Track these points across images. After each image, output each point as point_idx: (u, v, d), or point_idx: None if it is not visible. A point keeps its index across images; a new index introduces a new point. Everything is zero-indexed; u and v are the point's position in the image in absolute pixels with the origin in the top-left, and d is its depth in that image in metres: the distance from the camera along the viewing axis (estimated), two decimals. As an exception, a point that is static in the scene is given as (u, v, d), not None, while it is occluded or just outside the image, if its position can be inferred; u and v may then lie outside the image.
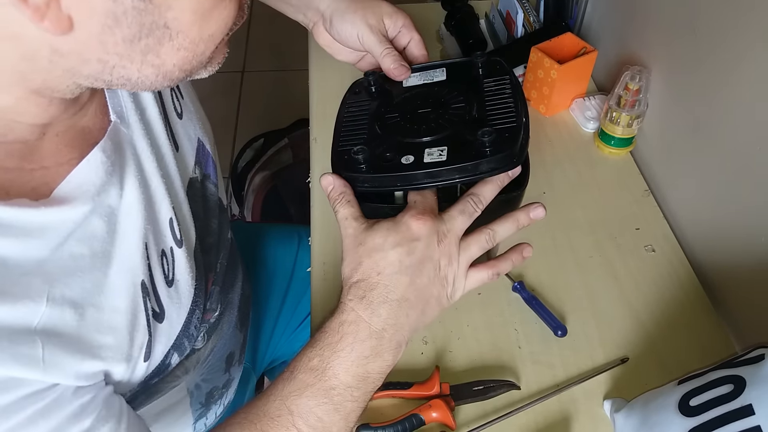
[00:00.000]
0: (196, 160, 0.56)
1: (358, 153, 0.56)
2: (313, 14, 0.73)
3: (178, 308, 0.50)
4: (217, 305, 0.62)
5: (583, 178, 0.83)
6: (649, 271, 0.72)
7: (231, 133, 2.01)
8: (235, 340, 0.70)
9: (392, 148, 0.58)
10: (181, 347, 0.53)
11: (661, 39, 0.78)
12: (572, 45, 0.89)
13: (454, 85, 0.65)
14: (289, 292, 0.90)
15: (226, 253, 0.64)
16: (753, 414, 0.45)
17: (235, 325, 0.69)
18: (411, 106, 0.63)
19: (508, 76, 0.64)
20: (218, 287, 0.61)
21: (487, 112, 0.60)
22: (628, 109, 0.80)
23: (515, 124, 0.57)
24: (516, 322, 0.68)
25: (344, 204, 0.53)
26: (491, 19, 1.01)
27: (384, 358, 0.49)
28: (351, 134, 0.62)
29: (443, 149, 0.56)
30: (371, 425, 0.59)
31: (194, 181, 0.56)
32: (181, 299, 0.51)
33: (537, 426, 0.60)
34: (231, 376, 0.72)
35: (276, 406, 0.47)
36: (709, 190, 0.71)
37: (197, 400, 0.67)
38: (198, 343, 0.59)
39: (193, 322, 0.53)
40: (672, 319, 0.68)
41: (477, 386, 0.62)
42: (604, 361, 0.65)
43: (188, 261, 0.51)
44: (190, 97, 0.59)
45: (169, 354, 0.51)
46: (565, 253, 0.74)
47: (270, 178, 1.50)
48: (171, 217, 0.49)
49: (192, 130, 0.57)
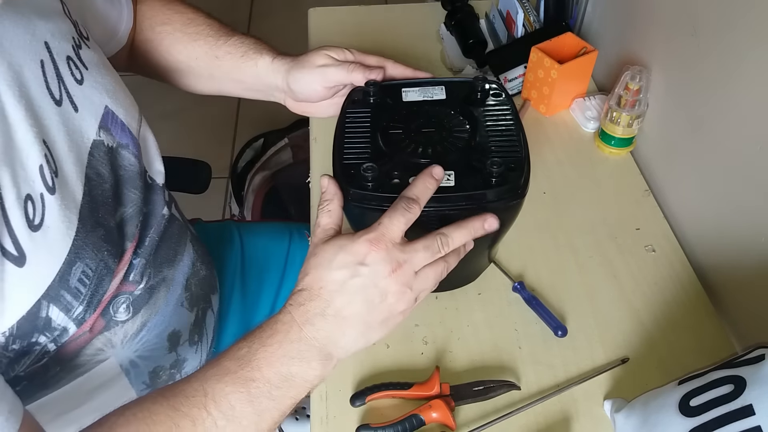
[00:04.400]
0: (101, 124, 0.58)
1: (367, 171, 0.56)
2: (278, 93, 0.78)
3: (48, 255, 0.50)
4: (141, 277, 0.62)
5: (584, 178, 0.83)
6: (650, 271, 0.72)
7: (231, 133, 2.01)
8: (180, 318, 0.69)
9: (399, 167, 0.58)
10: (61, 301, 0.52)
11: (661, 39, 0.78)
12: (572, 45, 0.89)
13: (455, 105, 0.66)
14: (282, 287, 0.90)
15: (158, 228, 0.65)
16: (753, 414, 0.45)
17: (179, 303, 0.69)
18: (414, 124, 0.63)
19: (509, 104, 0.65)
20: (143, 259, 0.62)
21: (490, 140, 0.61)
22: (629, 109, 0.80)
23: (519, 156, 0.59)
24: (516, 323, 0.68)
25: (323, 212, 0.56)
26: (491, 18, 1.01)
27: (311, 366, 0.50)
28: (355, 146, 0.62)
29: (450, 174, 0.57)
30: (371, 425, 0.59)
31: (99, 143, 0.57)
32: (52, 247, 0.50)
33: (537, 426, 0.60)
34: (180, 356, 0.71)
35: (194, 387, 0.49)
36: (710, 190, 0.71)
37: (139, 379, 0.66)
38: (120, 315, 0.60)
39: (75, 276, 0.52)
40: (672, 319, 0.68)
41: (477, 386, 0.62)
42: (605, 362, 0.65)
43: (63, 211, 0.51)
44: (98, 71, 0.60)
45: (41, 305, 0.50)
46: (566, 253, 0.74)
47: (270, 178, 1.50)
48: (41, 164, 0.49)
49: (97, 97, 0.58)
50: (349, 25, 1.08)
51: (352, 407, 0.61)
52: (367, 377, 0.64)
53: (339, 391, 0.63)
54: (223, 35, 0.77)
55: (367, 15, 1.11)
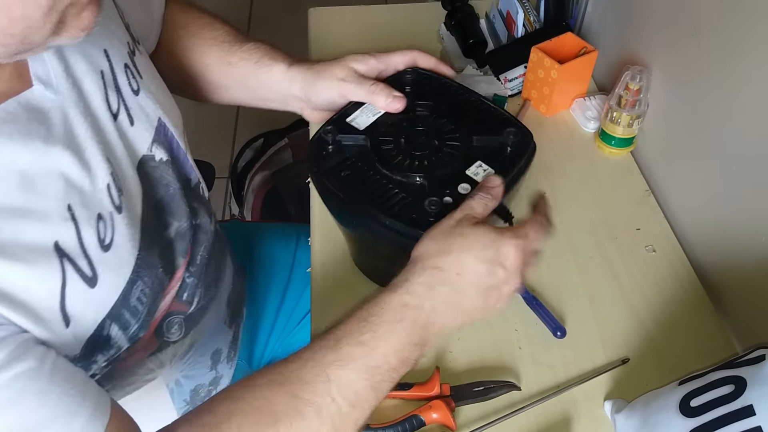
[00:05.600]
0: (154, 138, 0.57)
1: (432, 205, 0.56)
2: (295, 102, 0.74)
3: (115, 275, 0.50)
4: (194, 298, 0.61)
5: (584, 178, 0.83)
6: (650, 271, 0.72)
7: (231, 133, 2.01)
8: (223, 336, 0.69)
9: (423, 194, 0.58)
10: (121, 319, 0.51)
11: (661, 39, 0.78)
12: (573, 45, 0.89)
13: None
14: (288, 291, 0.90)
15: (208, 245, 0.64)
16: (754, 414, 0.45)
17: (223, 320, 0.69)
18: (404, 135, 0.63)
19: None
20: (195, 279, 0.61)
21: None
22: (629, 109, 0.80)
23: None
24: (516, 323, 0.68)
25: (482, 200, 0.54)
26: (491, 18, 1.01)
27: (426, 347, 0.50)
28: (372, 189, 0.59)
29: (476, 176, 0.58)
30: (371, 426, 0.58)
31: (149, 158, 0.56)
32: (120, 266, 0.50)
33: (538, 427, 0.60)
34: (219, 373, 0.71)
35: (314, 372, 0.46)
36: (710, 189, 0.71)
37: (180, 398, 0.66)
38: (173, 335, 0.59)
39: (134, 294, 0.52)
40: (673, 319, 0.68)
41: (477, 387, 0.62)
42: (605, 362, 0.65)
43: (129, 229, 0.51)
44: (151, 79, 0.59)
45: (105, 324, 0.50)
46: (566, 253, 0.74)
47: (270, 177, 1.50)
48: (108, 183, 0.49)
49: (151, 108, 0.57)
50: (349, 25, 1.08)
51: (352, 408, 0.61)
52: (367, 378, 0.64)
53: (339, 392, 0.63)
54: (238, 41, 0.73)
55: (367, 15, 1.11)
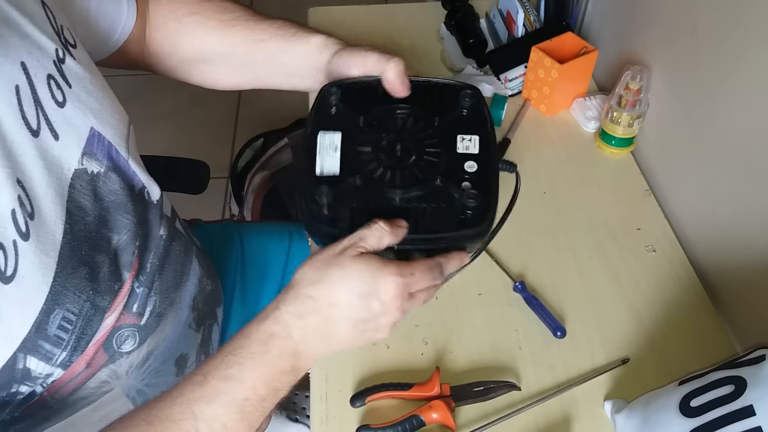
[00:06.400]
0: (84, 150, 0.53)
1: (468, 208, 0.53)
2: (320, 75, 0.69)
3: (21, 308, 0.47)
4: (145, 308, 0.59)
5: (584, 178, 0.83)
6: (650, 271, 0.72)
7: (231, 133, 2.01)
8: (188, 340, 0.68)
9: (446, 194, 0.54)
10: (39, 351, 0.49)
11: (661, 39, 0.78)
12: (573, 45, 0.89)
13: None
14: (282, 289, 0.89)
15: (159, 252, 0.62)
16: (754, 415, 0.45)
17: (187, 324, 0.67)
18: (380, 156, 0.57)
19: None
20: (146, 288, 0.59)
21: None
22: (629, 109, 0.80)
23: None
24: (516, 323, 0.68)
25: (379, 235, 0.51)
26: (492, 18, 1.01)
27: (296, 375, 0.50)
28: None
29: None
30: (371, 426, 0.58)
31: (81, 172, 0.53)
32: (26, 298, 0.47)
33: (538, 427, 0.60)
34: None
35: (180, 410, 0.46)
36: (710, 189, 0.71)
37: None
38: (125, 347, 0.58)
39: (53, 323, 0.49)
40: (673, 319, 0.68)
41: (477, 387, 0.62)
42: (605, 362, 0.65)
43: (38, 257, 0.47)
44: (84, 85, 0.55)
45: (18, 357, 0.47)
46: (566, 253, 0.74)
47: (270, 177, 1.50)
48: (13, 208, 0.46)
49: (80, 119, 0.54)
50: (349, 24, 1.08)
51: (352, 408, 0.61)
52: (367, 378, 0.64)
53: (339, 392, 0.63)
54: (266, 19, 0.71)
55: (367, 15, 1.11)
